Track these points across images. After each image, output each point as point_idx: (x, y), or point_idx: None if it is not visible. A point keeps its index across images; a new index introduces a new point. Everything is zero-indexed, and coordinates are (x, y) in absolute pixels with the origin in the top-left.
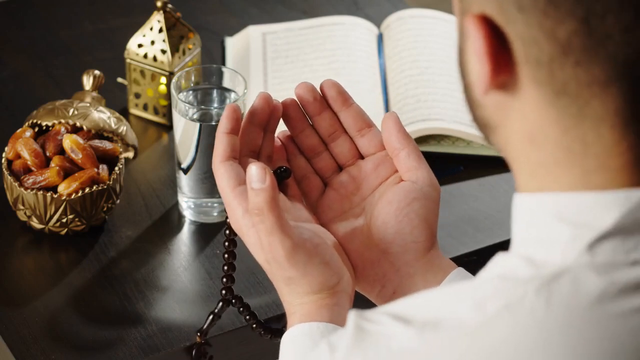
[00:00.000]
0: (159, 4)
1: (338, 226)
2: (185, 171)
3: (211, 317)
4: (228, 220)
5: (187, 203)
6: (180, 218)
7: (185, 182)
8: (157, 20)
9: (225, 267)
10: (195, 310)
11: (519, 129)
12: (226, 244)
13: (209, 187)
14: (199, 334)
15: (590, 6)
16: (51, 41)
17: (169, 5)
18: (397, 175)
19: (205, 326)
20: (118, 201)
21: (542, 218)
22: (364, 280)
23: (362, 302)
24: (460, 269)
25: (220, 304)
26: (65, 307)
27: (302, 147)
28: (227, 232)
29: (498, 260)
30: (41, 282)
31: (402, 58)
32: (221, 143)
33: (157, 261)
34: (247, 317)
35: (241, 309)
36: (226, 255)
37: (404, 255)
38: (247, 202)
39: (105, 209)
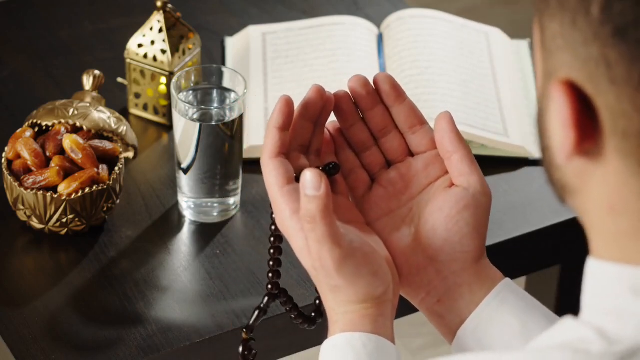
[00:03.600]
0: (159, 4)
1: (384, 226)
2: (185, 171)
3: (257, 312)
4: (274, 216)
5: (187, 203)
6: (180, 218)
7: (185, 182)
8: (157, 20)
9: (271, 262)
10: (195, 310)
11: (599, 197)
12: (272, 239)
13: (209, 187)
14: (244, 330)
15: None
16: (51, 41)
17: (169, 5)
18: (448, 177)
19: (252, 322)
20: (118, 201)
21: (619, 290)
22: (409, 285)
23: (402, 306)
24: (508, 280)
25: (267, 298)
26: (65, 307)
27: (352, 141)
28: (273, 227)
29: (567, 325)
30: (41, 282)
31: (402, 58)
32: (272, 138)
33: (157, 261)
34: (289, 308)
35: (285, 300)
36: (272, 251)
37: (452, 265)
38: (295, 203)
39: (105, 209)
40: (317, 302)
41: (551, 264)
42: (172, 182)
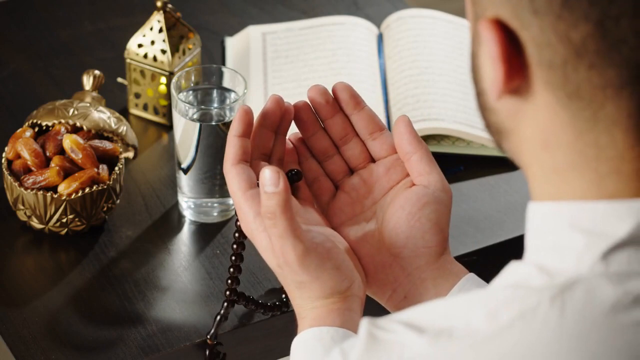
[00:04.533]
0: (159, 4)
1: (349, 230)
2: (185, 171)
3: (218, 318)
4: (238, 223)
5: (187, 203)
6: (180, 218)
7: (185, 182)
8: (157, 20)
9: (231, 269)
10: (195, 310)
11: (532, 134)
12: (234, 246)
13: (209, 187)
14: (208, 337)
15: (604, 9)
16: (51, 41)
17: (169, 5)
18: (409, 179)
19: (213, 330)
20: (118, 201)
21: (556, 226)
22: (375, 284)
23: (372, 307)
24: (472, 275)
25: (225, 304)
26: (65, 307)
27: (314, 150)
28: (237, 234)
29: (511, 269)
30: (41, 282)
31: (402, 58)
32: (233, 146)
33: (157, 261)
34: (253, 307)
35: (245, 304)
36: (233, 257)
37: (416, 260)
38: (258, 206)
39: (105, 209)
40: (283, 296)
41: None
42: (172, 182)
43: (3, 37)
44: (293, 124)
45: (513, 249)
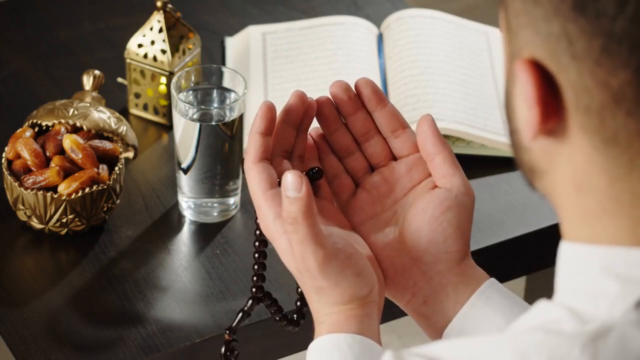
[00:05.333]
0: (159, 4)
1: (369, 230)
2: (185, 171)
3: (240, 314)
4: (257, 220)
5: (187, 203)
6: (180, 218)
7: (185, 182)
8: (157, 20)
9: (256, 267)
10: (195, 310)
11: (567, 176)
12: (256, 243)
13: (209, 187)
14: (227, 331)
15: None
16: (51, 41)
17: (169, 5)
18: (431, 179)
19: (234, 324)
20: (118, 201)
21: (590, 270)
22: (394, 287)
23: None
24: (493, 281)
25: (250, 301)
26: (65, 307)
27: (335, 147)
28: (257, 232)
29: (541, 308)
30: (41, 282)
31: (402, 58)
32: (254, 143)
33: (157, 261)
34: (274, 310)
35: (269, 304)
36: (256, 255)
37: (437, 265)
38: (278, 207)
39: (105, 209)
40: (298, 303)
41: (551, 264)
42: (172, 182)
43: (3, 37)
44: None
45: (513, 249)
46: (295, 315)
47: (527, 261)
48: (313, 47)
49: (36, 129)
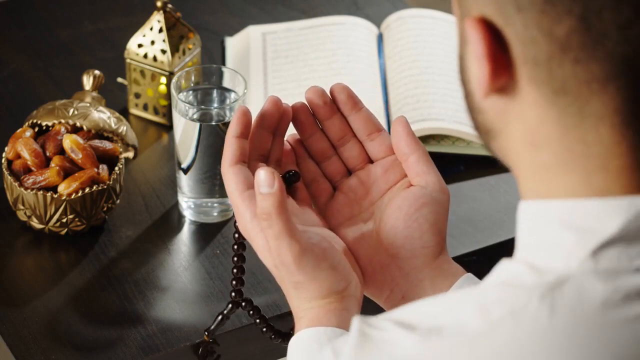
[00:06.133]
0: (159, 4)
1: (347, 230)
2: (185, 171)
3: (220, 317)
4: (236, 223)
5: (187, 203)
6: (180, 218)
7: (185, 182)
8: (157, 20)
9: (235, 270)
10: (195, 310)
11: (520, 133)
12: (235, 246)
13: (209, 187)
14: (206, 332)
15: (587, 4)
16: (51, 41)
17: (169, 5)
18: (406, 179)
19: (213, 326)
20: (118, 201)
21: (546, 224)
22: (373, 284)
23: (370, 307)
24: (469, 275)
25: (230, 305)
26: (65, 307)
27: (312, 151)
28: (236, 235)
29: (502, 267)
30: (41, 282)
31: (402, 58)
32: (230, 146)
33: (157, 261)
34: (257, 320)
35: (251, 312)
36: (235, 258)
37: (413, 261)
38: (255, 207)
39: (105, 209)
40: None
41: None
42: (172, 182)
43: (3, 37)
44: (291, 125)
45: (513, 249)
46: (291, 331)
47: None
48: (313, 47)
49: (36, 129)
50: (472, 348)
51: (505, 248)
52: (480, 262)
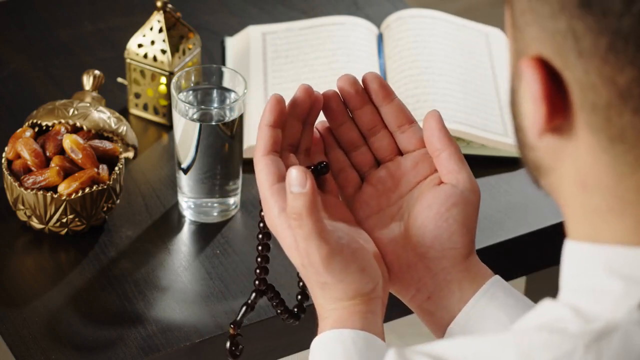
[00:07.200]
0: (159, 4)
1: (374, 224)
2: (185, 171)
3: (244, 308)
4: (262, 213)
5: (187, 203)
6: (180, 218)
7: (185, 182)
8: (157, 20)
9: (259, 259)
10: (195, 310)
11: (572, 174)
12: (259, 236)
13: (209, 187)
14: (232, 325)
15: None
16: (51, 41)
17: (169, 5)
18: (437, 175)
19: (239, 317)
20: (118, 201)
21: (594, 269)
22: (399, 282)
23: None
24: (497, 277)
25: (254, 294)
26: (65, 307)
27: (341, 140)
28: (261, 224)
29: (545, 307)
30: (41, 282)
31: (402, 58)
32: (263, 136)
33: (157, 261)
34: (275, 303)
35: (272, 297)
36: (260, 248)
37: (442, 261)
38: (283, 201)
39: (105, 209)
40: (299, 297)
41: (551, 264)
42: (172, 182)
43: (3, 37)
44: (321, 113)
45: (513, 249)
46: (295, 309)
47: (527, 261)
48: (313, 47)
49: (36, 129)
50: None
51: (506, 248)
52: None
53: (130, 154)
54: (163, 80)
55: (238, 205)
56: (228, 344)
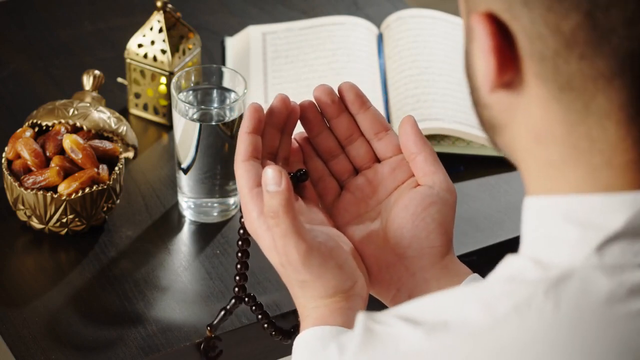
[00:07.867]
0: (159, 4)
1: (354, 229)
2: (185, 171)
3: (222, 312)
4: (242, 219)
5: (187, 203)
6: (180, 218)
7: (185, 182)
8: (157, 20)
9: (239, 266)
10: (195, 310)
11: (525, 128)
12: (239, 242)
13: (209, 187)
14: (209, 328)
15: (594, 0)
16: (51, 41)
17: (169, 5)
18: (413, 179)
19: (215, 321)
20: (118, 201)
21: (551, 220)
22: (379, 284)
23: (375, 306)
24: (476, 275)
25: (233, 301)
26: (65, 307)
27: (319, 149)
28: (241, 231)
29: (507, 262)
30: (41, 282)
31: (402, 58)
32: (243, 142)
33: (157, 261)
34: (259, 316)
35: (254, 307)
36: (239, 254)
37: (420, 260)
38: (263, 205)
39: (105, 209)
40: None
41: None
42: (172, 182)
43: (3, 37)
44: (299, 123)
45: (513, 248)
46: (292, 329)
47: None
48: (313, 47)
49: (36, 129)
50: (476, 343)
51: (505, 248)
52: (480, 262)
53: (130, 154)
54: (163, 80)
55: (238, 205)
56: (202, 346)
